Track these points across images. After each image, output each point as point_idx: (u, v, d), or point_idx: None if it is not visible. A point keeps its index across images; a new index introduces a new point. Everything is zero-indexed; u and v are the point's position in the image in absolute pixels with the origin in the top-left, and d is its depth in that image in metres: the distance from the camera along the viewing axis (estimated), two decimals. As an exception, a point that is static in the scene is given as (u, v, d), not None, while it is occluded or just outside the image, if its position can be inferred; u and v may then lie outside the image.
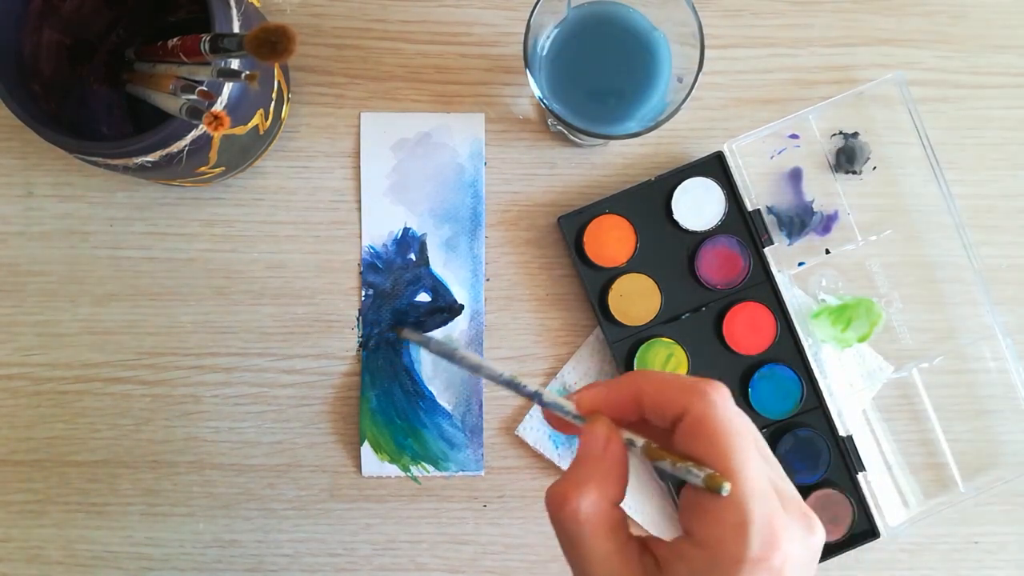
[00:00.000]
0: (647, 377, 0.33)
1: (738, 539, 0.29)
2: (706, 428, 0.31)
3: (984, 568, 0.57)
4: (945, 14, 0.57)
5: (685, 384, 0.32)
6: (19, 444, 0.56)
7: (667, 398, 0.32)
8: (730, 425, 0.31)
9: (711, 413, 0.31)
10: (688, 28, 0.48)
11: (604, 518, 0.32)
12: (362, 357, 0.56)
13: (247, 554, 0.56)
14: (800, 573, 0.30)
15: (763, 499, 0.30)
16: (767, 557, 0.29)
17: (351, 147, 0.56)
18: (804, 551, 0.30)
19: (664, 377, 0.33)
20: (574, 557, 0.33)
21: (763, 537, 0.29)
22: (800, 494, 0.55)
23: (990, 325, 0.56)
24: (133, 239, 0.56)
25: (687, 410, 0.31)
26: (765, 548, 0.29)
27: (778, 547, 0.29)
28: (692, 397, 0.31)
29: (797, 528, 0.30)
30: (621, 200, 0.55)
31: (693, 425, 0.31)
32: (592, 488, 0.32)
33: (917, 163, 0.56)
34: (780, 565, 0.29)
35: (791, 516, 0.31)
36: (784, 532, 0.30)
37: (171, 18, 0.54)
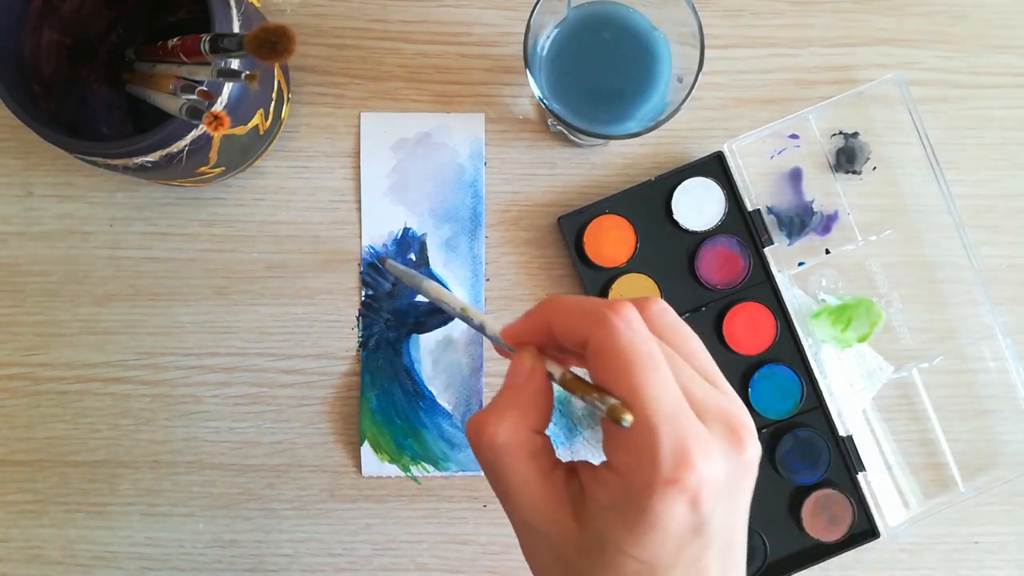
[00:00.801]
0: (556, 304, 0.33)
1: (647, 463, 0.28)
2: (606, 355, 0.30)
3: (984, 568, 0.57)
4: (945, 14, 0.57)
5: (587, 310, 0.31)
6: (19, 444, 0.56)
7: (570, 326, 0.32)
8: (629, 351, 0.29)
9: (610, 339, 0.30)
10: (688, 28, 0.48)
11: (523, 444, 0.31)
12: (362, 357, 0.56)
13: (247, 554, 0.56)
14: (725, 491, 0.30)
15: (671, 420, 0.29)
16: (679, 477, 0.28)
17: (351, 147, 0.56)
18: (727, 468, 0.29)
19: (570, 303, 0.32)
20: (495, 484, 0.32)
21: (673, 458, 0.28)
22: (800, 494, 0.55)
23: (990, 325, 0.56)
24: (133, 239, 0.56)
25: (588, 338, 0.31)
26: (676, 469, 0.28)
27: (691, 466, 0.28)
28: (592, 324, 0.30)
29: (717, 443, 0.29)
30: (621, 200, 0.55)
31: (595, 353, 0.30)
32: (510, 415, 0.32)
33: (917, 163, 0.56)
34: (696, 484, 0.28)
35: (712, 432, 0.29)
36: (698, 450, 0.28)
37: (171, 18, 0.54)
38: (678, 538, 0.29)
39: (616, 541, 0.29)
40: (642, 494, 0.29)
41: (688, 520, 0.29)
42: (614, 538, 0.29)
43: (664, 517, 0.29)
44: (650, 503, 0.28)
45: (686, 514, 0.29)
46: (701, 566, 0.30)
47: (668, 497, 0.28)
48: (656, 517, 0.29)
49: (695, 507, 0.29)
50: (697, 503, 0.29)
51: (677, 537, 0.29)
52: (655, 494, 0.28)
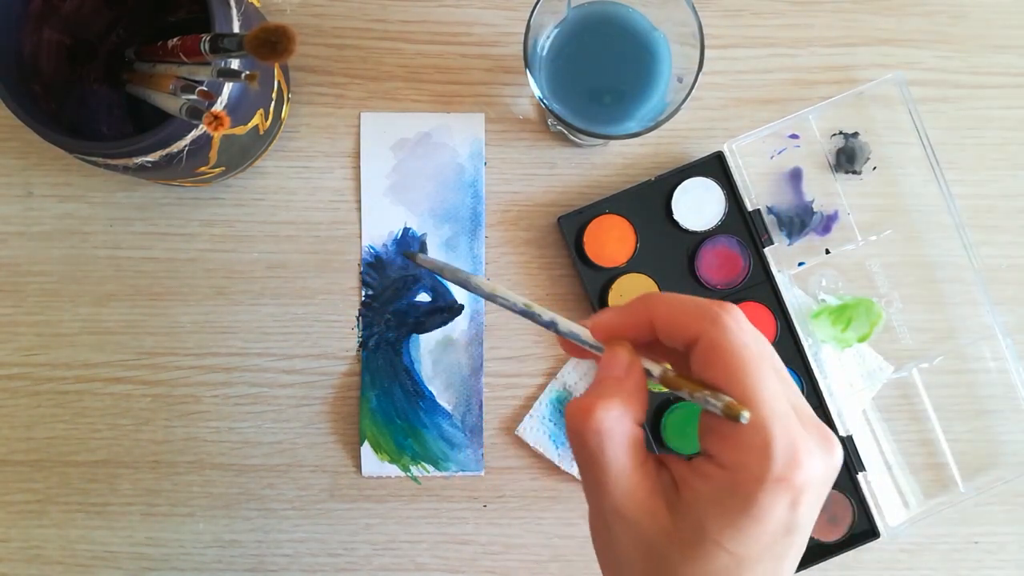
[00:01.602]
0: (659, 301, 0.33)
1: (761, 461, 0.29)
2: (720, 354, 0.30)
3: (984, 568, 0.57)
4: (945, 14, 0.57)
5: (697, 308, 0.32)
6: (19, 444, 0.56)
7: (680, 323, 0.32)
8: (745, 350, 0.30)
9: (724, 339, 0.31)
10: (688, 28, 0.48)
11: (627, 434, 0.32)
12: (362, 357, 0.56)
13: (247, 554, 0.56)
14: (819, 491, 0.31)
15: (783, 420, 0.30)
16: (789, 476, 0.29)
17: (351, 147, 0.56)
18: (824, 469, 0.31)
19: (676, 301, 0.33)
20: (594, 472, 0.32)
21: (785, 458, 0.29)
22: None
23: (990, 325, 0.56)
24: (133, 239, 0.56)
25: (700, 336, 0.31)
26: (787, 468, 0.29)
27: (799, 466, 0.29)
28: (704, 323, 0.31)
29: (817, 447, 0.30)
30: (621, 200, 0.55)
31: (707, 351, 0.31)
32: (616, 404, 0.32)
33: (917, 163, 0.56)
34: (801, 484, 0.29)
35: (810, 435, 0.30)
36: (805, 451, 0.30)
37: (171, 18, 0.54)
38: (773, 534, 0.30)
39: (713, 533, 0.30)
40: (750, 489, 0.29)
41: (785, 518, 0.30)
42: (712, 530, 0.30)
43: (767, 513, 0.29)
44: (757, 498, 0.29)
45: (785, 512, 0.30)
46: (782, 563, 0.31)
47: (776, 494, 0.29)
48: (760, 512, 0.29)
49: (794, 507, 0.30)
50: (797, 503, 0.30)
51: (772, 533, 0.30)
52: (763, 490, 0.29)
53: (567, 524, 0.56)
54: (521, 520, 0.56)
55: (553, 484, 0.56)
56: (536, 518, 0.56)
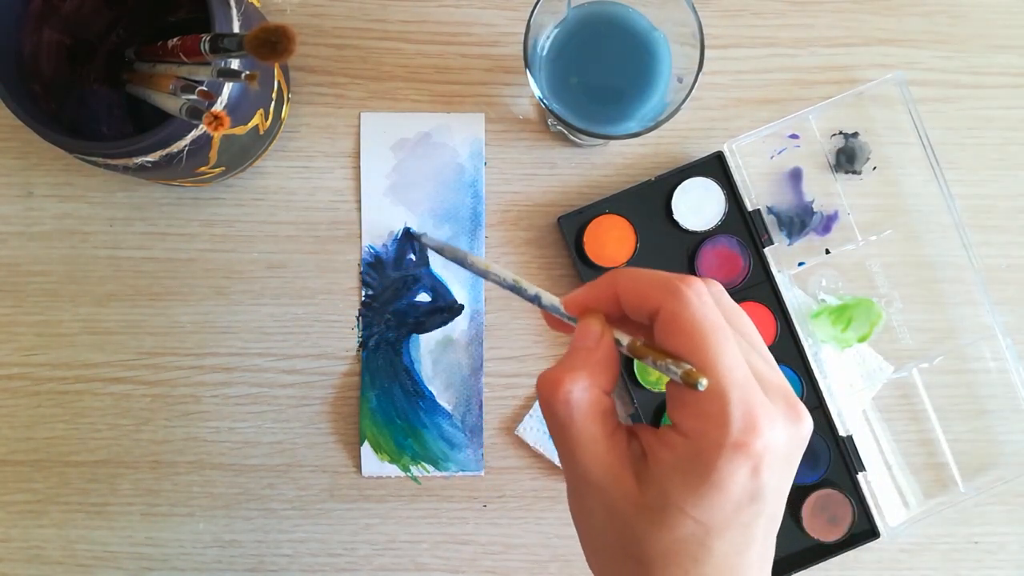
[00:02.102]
0: (623, 275, 0.34)
1: (718, 426, 0.30)
2: (680, 325, 0.31)
3: (984, 568, 0.57)
4: (945, 14, 0.57)
5: (659, 282, 0.32)
6: (19, 444, 0.56)
7: (642, 296, 0.33)
8: (704, 321, 0.31)
9: (684, 310, 0.31)
10: (688, 28, 0.48)
11: (594, 404, 0.33)
12: (362, 357, 0.56)
13: (247, 554, 0.56)
14: (783, 459, 0.31)
15: (742, 387, 0.30)
16: (747, 442, 0.29)
17: (351, 147, 0.56)
18: (787, 438, 0.31)
19: (640, 275, 0.33)
20: (564, 440, 0.33)
21: (743, 423, 0.30)
22: (800, 494, 0.55)
23: (990, 325, 0.56)
24: (133, 239, 0.56)
25: (661, 308, 0.32)
26: (744, 433, 0.29)
27: (758, 433, 0.30)
28: (665, 295, 0.32)
29: (779, 415, 0.31)
30: (621, 200, 0.55)
31: (667, 322, 0.31)
32: (584, 374, 0.32)
33: (917, 163, 0.56)
34: (761, 450, 0.30)
35: (774, 404, 0.31)
36: (765, 418, 0.30)
37: (171, 18, 0.54)
38: (736, 502, 0.30)
39: (677, 501, 0.30)
40: (710, 456, 0.30)
41: (748, 485, 0.30)
42: (676, 497, 0.30)
43: (727, 479, 0.30)
44: (716, 464, 0.30)
45: (747, 479, 0.30)
46: (750, 532, 0.31)
47: (734, 460, 0.30)
48: (720, 478, 0.30)
49: (756, 473, 0.30)
50: (758, 470, 0.30)
51: (736, 501, 0.30)
52: (722, 456, 0.30)
53: (567, 524, 0.56)
54: (521, 520, 0.56)
55: (553, 484, 0.56)
56: (536, 518, 0.56)
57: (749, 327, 0.34)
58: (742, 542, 0.31)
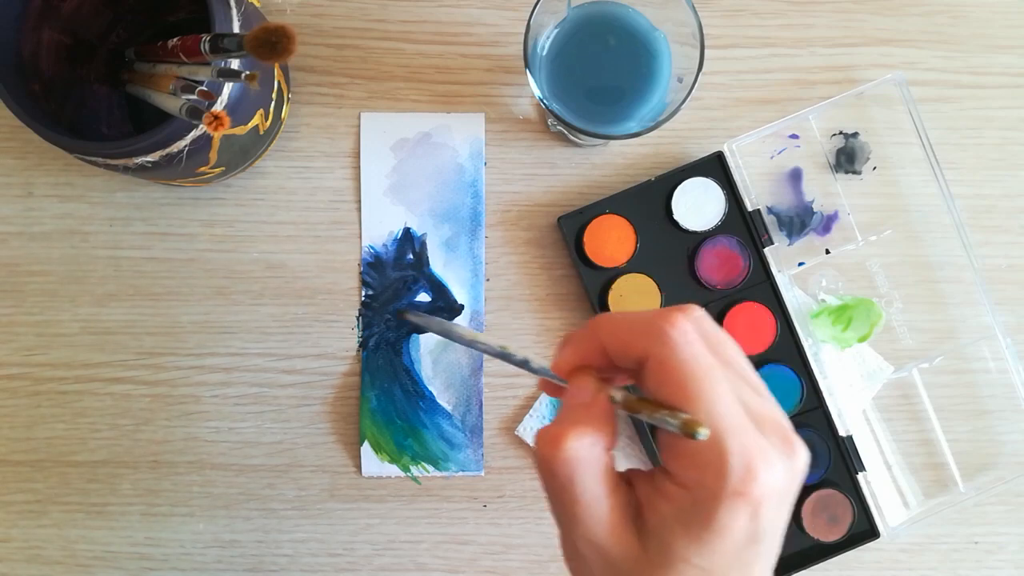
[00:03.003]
0: (605, 324, 0.33)
1: (716, 477, 0.29)
2: (669, 372, 0.30)
3: (984, 568, 0.57)
4: (945, 14, 0.57)
5: (641, 327, 0.31)
6: (19, 444, 0.56)
7: (626, 344, 0.32)
8: (693, 364, 0.30)
9: (671, 355, 0.30)
10: (688, 28, 0.48)
11: (599, 462, 0.32)
12: (362, 357, 0.56)
13: (247, 554, 0.56)
14: (781, 497, 0.30)
15: (737, 433, 0.30)
16: (745, 490, 0.29)
17: (351, 147, 0.56)
18: (784, 476, 0.30)
19: (620, 322, 0.32)
20: (565, 501, 0.32)
21: (740, 471, 0.29)
22: (800, 494, 0.55)
23: (990, 325, 0.56)
24: (133, 239, 0.56)
25: (648, 355, 0.31)
26: (743, 482, 0.29)
27: (756, 478, 0.29)
28: (649, 341, 0.31)
29: (776, 455, 0.30)
30: (621, 200, 0.55)
31: (656, 370, 0.31)
32: (587, 431, 0.31)
33: (917, 163, 0.56)
34: (760, 495, 0.29)
35: (770, 442, 0.30)
36: (762, 462, 0.29)
37: (171, 18, 0.54)
38: (738, 545, 0.30)
39: (681, 551, 0.30)
40: (710, 506, 0.29)
41: (748, 528, 0.30)
42: (679, 550, 0.30)
43: (728, 527, 0.29)
44: (717, 514, 0.29)
45: (747, 523, 0.30)
46: (750, 570, 0.31)
47: (734, 508, 0.29)
48: (722, 527, 0.29)
49: (755, 518, 0.30)
50: (758, 514, 0.30)
51: (737, 545, 0.30)
52: (722, 506, 0.29)
53: (567, 524, 0.56)
54: (521, 520, 0.56)
55: (553, 484, 0.56)
56: (536, 518, 0.56)
57: (735, 355, 0.33)
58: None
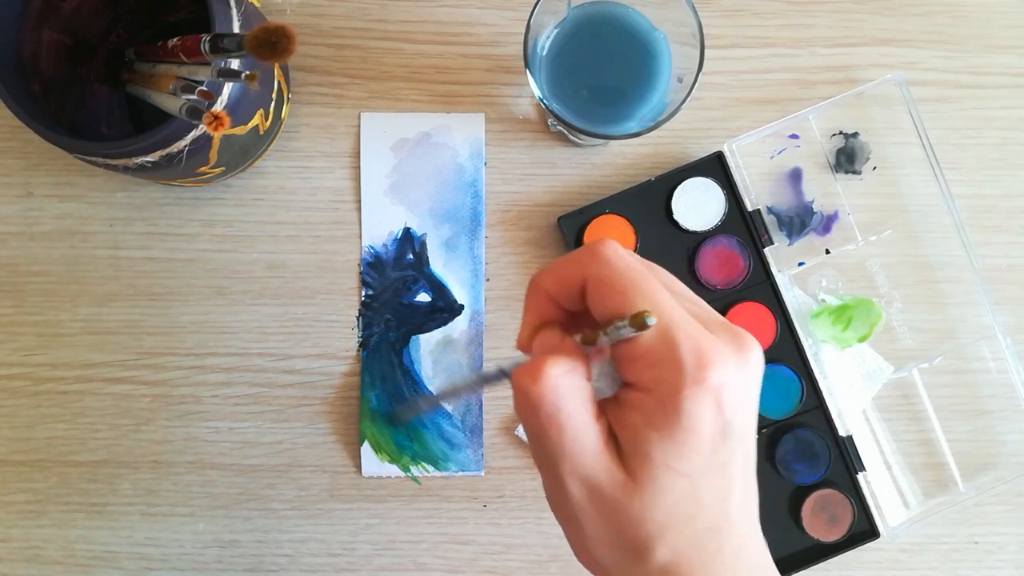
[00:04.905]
0: (543, 274, 0.33)
1: (673, 369, 0.29)
2: (608, 282, 0.31)
3: (984, 568, 0.57)
4: (945, 14, 0.57)
5: (575, 257, 0.32)
6: (19, 444, 0.56)
7: (566, 279, 0.32)
8: (629, 271, 0.31)
9: (607, 268, 0.31)
10: (688, 28, 0.48)
11: (581, 388, 0.31)
12: (362, 357, 0.56)
13: (247, 554, 0.56)
14: (742, 389, 0.30)
15: (684, 325, 0.30)
16: (703, 378, 0.29)
17: (351, 147, 0.56)
18: (738, 367, 0.30)
19: (556, 264, 0.33)
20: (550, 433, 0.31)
21: (694, 360, 0.29)
22: (800, 494, 0.55)
23: (990, 325, 0.56)
24: (133, 239, 0.56)
25: (587, 276, 0.31)
26: (699, 370, 0.29)
27: (711, 365, 0.29)
28: (583, 265, 0.32)
29: (725, 346, 0.30)
30: (621, 200, 0.55)
31: (596, 287, 0.31)
32: (563, 359, 0.31)
33: (917, 163, 0.56)
34: (719, 384, 0.29)
35: (719, 336, 0.30)
36: (713, 351, 0.30)
37: (171, 18, 0.54)
38: (711, 440, 0.30)
39: (658, 456, 0.30)
40: (674, 400, 0.29)
41: (715, 421, 0.30)
42: (655, 454, 0.30)
43: (696, 419, 0.30)
44: (682, 407, 0.29)
45: (713, 414, 0.30)
46: (728, 472, 0.31)
47: (697, 397, 0.29)
48: (689, 420, 0.29)
49: (719, 407, 0.30)
50: (721, 403, 0.30)
51: (710, 439, 0.30)
52: (684, 396, 0.29)
53: (567, 524, 0.56)
54: (521, 520, 0.56)
55: (553, 484, 0.56)
56: (536, 518, 0.56)
57: (669, 277, 0.34)
58: (723, 485, 0.31)
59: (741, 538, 0.32)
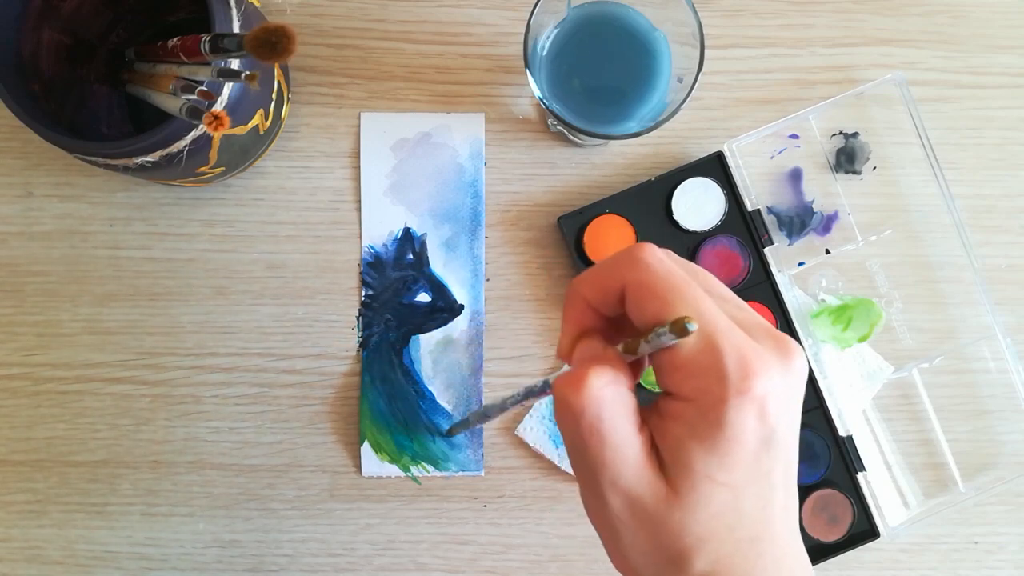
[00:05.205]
0: (582, 280, 0.33)
1: (717, 379, 0.29)
2: (649, 288, 0.30)
3: (984, 568, 0.57)
4: (945, 14, 0.57)
5: (614, 262, 0.32)
6: (19, 444, 0.56)
7: (605, 286, 0.32)
8: (671, 276, 0.30)
9: (647, 274, 0.31)
10: (688, 28, 0.48)
11: (625, 399, 0.31)
12: (362, 357, 0.56)
13: (247, 554, 0.56)
14: (785, 398, 0.30)
15: (728, 334, 0.29)
16: (747, 388, 0.29)
17: (351, 147, 0.56)
18: (783, 376, 0.30)
19: (595, 269, 0.32)
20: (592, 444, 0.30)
21: (738, 370, 0.29)
22: (800, 494, 0.55)
23: (990, 325, 0.56)
24: (133, 239, 0.56)
25: (627, 282, 0.31)
26: (743, 380, 0.29)
27: (755, 375, 0.29)
28: (624, 271, 0.31)
29: (770, 354, 0.30)
30: (621, 200, 0.55)
31: (636, 294, 0.31)
32: (607, 369, 0.30)
33: (917, 163, 0.56)
34: (762, 393, 0.29)
35: (762, 344, 0.30)
36: (758, 360, 0.29)
37: (171, 18, 0.54)
38: (754, 451, 0.29)
39: (701, 468, 0.29)
40: (717, 411, 0.29)
41: (759, 431, 0.29)
42: (697, 465, 0.29)
43: (740, 429, 0.29)
44: (726, 417, 0.29)
45: (757, 425, 0.29)
46: (771, 481, 0.30)
47: (741, 408, 0.29)
48: (733, 431, 0.29)
49: (763, 417, 0.29)
50: (764, 413, 0.29)
51: (753, 450, 0.29)
52: (728, 407, 0.29)
53: (567, 524, 0.56)
54: (521, 520, 0.56)
55: (553, 484, 0.56)
56: (536, 518, 0.56)
57: (712, 280, 0.33)
58: (766, 495, 0.30)
59: (782, 548, 0.31)
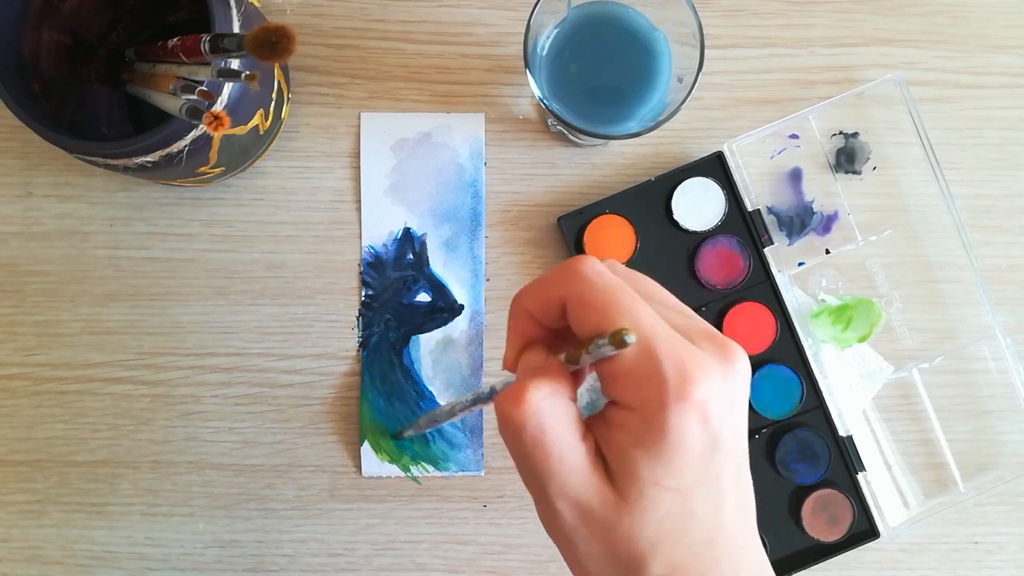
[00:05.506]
0: (524, 293, 0.33)
1: (656, 386, 0.29)
2: (588, 302, 0.31)
3: (984, 568, 0.57)
4: (945, 14, 0.57)
5: (555, 275, 0.32)
6: (19, 444, 0.56)
7: (547, 299, 0.32)
8: (607, 289, 0.30)
9: (588, 287, 0.31)
10: (688, 28, 0.48)
11: (565, 410, 0.31)
12: (362, 357, 0.56)
13: (247, 554, 0.56)
14: (727, 401, 0.30)
15: (666, 341, 0.29)
16: (687, 393, 0.29)
17: (351, 147, 0.56)
18: (723, 379, 0.30)
19: (537, 283, 0.33)
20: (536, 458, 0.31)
21: (677, 377, 0.29)
22: (800, 494, 0.55)
23: (990, 325, 0.56)
24: (133, 239, 0.56)
25: (567, 296, 0.31)
26: (682, 385, 0.29)
27: (694, 380, 0.29)
28: (565, 283, 0.31)
29: (710, 359, 0.30)
30: (621, 200, 0.55)
31: (576, 306, 0.31)
32: (545, 382, 0.31)
33: (917, 163, 0.56)
34: (703, 398, 0.29)
35: (702, 348, 0.30)
36: (696, 367, 0.29)
37: (171, 18, 0.54)
38: (700, 456, 0.30)
39: (647, 474, 0.30)
40: (658, 419, 0.29)
41: (703, 436, 0.30)
42: (643, 472, 0.30)
43: (682, 435, 0.29)
44: (667, 424, 0.29)
45: (700, 429, 0.29)
46: (720, 484, 0.31)
47: (681, 414, 0.29)
48: (676, 436, 0.29)
49: (706, 422, 0.29)
50: (707, 418, 0.29)
51: (698, 455, 0.30)
52: (669, 413, 0.29)
53: (567, 524, 0.56)
54: (521, 520, 0.56)
55: (553, 484, 0.56)
56: (536, 518, 0.56)
57: (654, 287, 0.33)
58: (716, 498, 0.31)
59: (738, 550, 0.32)
